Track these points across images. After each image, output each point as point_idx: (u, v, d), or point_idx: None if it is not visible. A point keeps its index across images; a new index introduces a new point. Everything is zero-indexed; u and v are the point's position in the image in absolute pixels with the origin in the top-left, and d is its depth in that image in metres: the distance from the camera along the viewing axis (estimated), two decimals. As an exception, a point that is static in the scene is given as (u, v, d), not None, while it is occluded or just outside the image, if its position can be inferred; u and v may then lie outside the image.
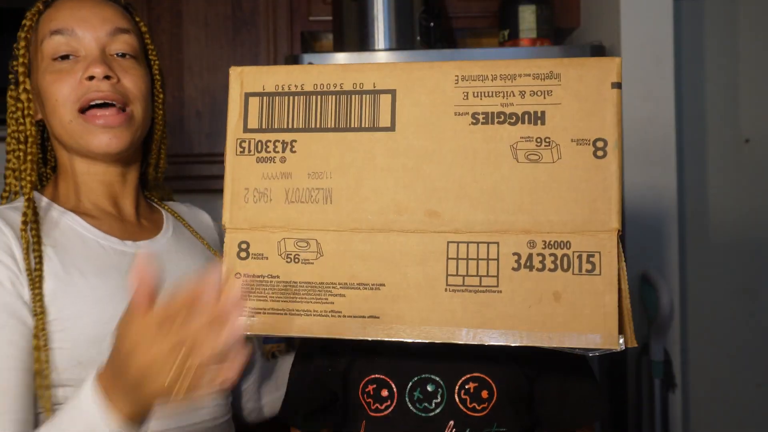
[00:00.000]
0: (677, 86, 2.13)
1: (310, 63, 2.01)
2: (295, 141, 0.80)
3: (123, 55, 1.09)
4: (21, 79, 1.09)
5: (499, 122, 0.76)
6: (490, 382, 0.91)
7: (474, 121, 0.77)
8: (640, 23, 2.10)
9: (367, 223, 0.77)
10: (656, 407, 2.04)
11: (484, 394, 0.91)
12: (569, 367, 0.93)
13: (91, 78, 1.04)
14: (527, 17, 2.22)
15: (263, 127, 0.81)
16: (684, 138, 2.36)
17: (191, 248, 1.18)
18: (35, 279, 0.96)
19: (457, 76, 0.77)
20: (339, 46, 2.27)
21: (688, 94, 2.39)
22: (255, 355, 1.27)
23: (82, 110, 1.05)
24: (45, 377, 0.95)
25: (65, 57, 1.06)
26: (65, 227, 1.06)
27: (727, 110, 2.44)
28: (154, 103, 1.16)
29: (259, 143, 0.81)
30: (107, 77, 1.05)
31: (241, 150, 0.82)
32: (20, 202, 1.07)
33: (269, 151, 0.81)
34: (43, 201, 1.08)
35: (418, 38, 2.21)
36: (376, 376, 0.93)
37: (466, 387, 0.91)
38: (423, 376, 0.92)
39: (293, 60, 2.06)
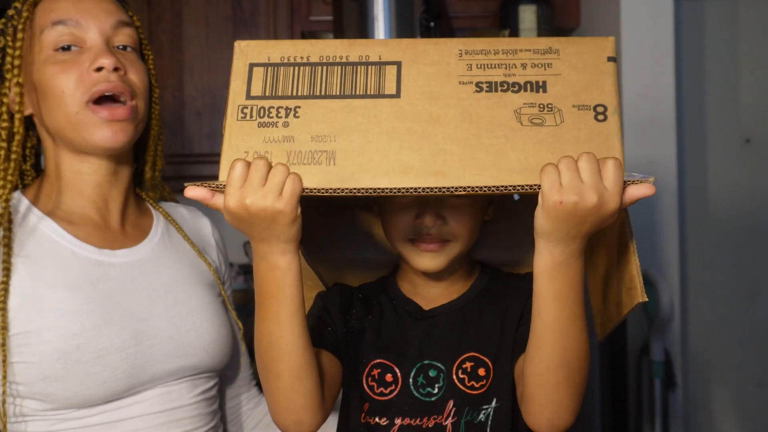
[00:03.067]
0: (677, 86, 2.13)
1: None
2: (299, 107, 0.80)
3: (125, 48, 1.06)
4: (15, 72, 1.04)
5: (502, 90, 0.78)
6: (485, 359, 0.95)
7: (478, 89, 0.78)
8: (640, 23, 2.10)
9: (371, 183, 0.77)
10: (656, 407, 2.04)
11: (481, 371, 0.94)
12: None
13: (99, 69, 1.01)
14: (527, 17, 2.22)
15: (267, 94, 0.81)
16: (684, 138, 2.36)
17: (177, 256, 1.13)
18: (1, 291, 0.95)
19: (461, 50, 0.79)
20: (339, 46, 2.27)
21: (688, 94, 2.39)
22: (239, 355, 1.24)
23: (89, 102, 1.01)
24: (3, 393, 0.94)
25: (67, 48, 1.02)
26: (40, 235, 1.02)
27: (727, 110, 2.44)
28: (151, 98, 1.12)
29: (262, 109, 0.80)
30: (116, 68, 1.02)
31: (243, 116, 0.80)
32: None
33: (272, 117, 0.80)
34: (23, 204, 1.04)
35: (419, 38, 2.22)
36: (381, 361, 0.96)
37: (464, 367, 0.95)
38: (425, 362, 0.95)
39: (293, 60, 2.06)
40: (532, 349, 0.82)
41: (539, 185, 0.73)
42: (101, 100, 1.01)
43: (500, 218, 1.04)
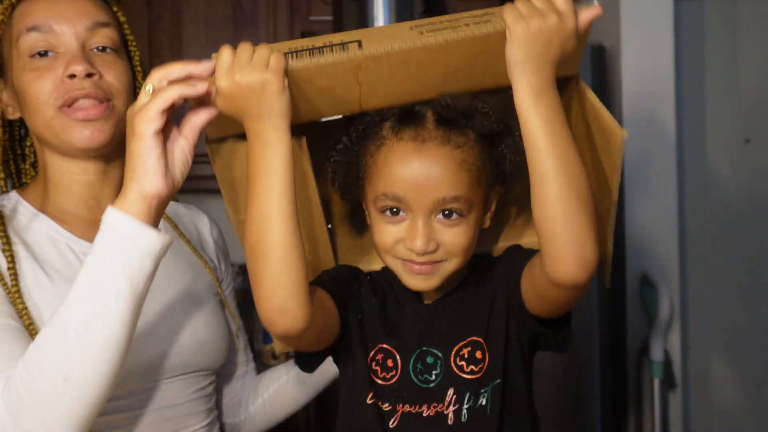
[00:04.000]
0: (677, 86, 2.13)
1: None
2: None
3: (103, 49, 1.05)
4: None
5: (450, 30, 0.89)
6: (480, 341, 0.95)
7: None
8: (640, 23, 2.10)
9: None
10: (656, 407, 2.04)
11: (478, 354, 0.95)
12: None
13: (73, 76, 1.01)
14: (527, 17, 2.22)
15: None
16: (684, 138, 2.36)
17: (173, 255, 1.10)
18: (12, 276, 0.95)
19: (412, 25, 0.88)
20: (339, 46, 2.27)
21: (688, 94, 2.39)
22: (235, 354, 1.23)
23: (63, 107, 1.02)
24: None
25: (44, 54, 1.02)
26: (36, 229, 1.03)
27: (727, 110, 2.44)
28: (136, 95, 1.13)
29: None
30: (89, 74, 1.01)
31: None
32: None
33: None
34: (12, 200, 1.06)
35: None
36: (384, 346, 0.97)
37: (461, 353, 0.95)
38: (423, 349, 0.96)
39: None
40: (537, 186, 0.83)
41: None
42: (75, 102, 1.02)
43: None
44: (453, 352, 0.96)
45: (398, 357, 0.97)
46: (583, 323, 2.06)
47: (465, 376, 0.95)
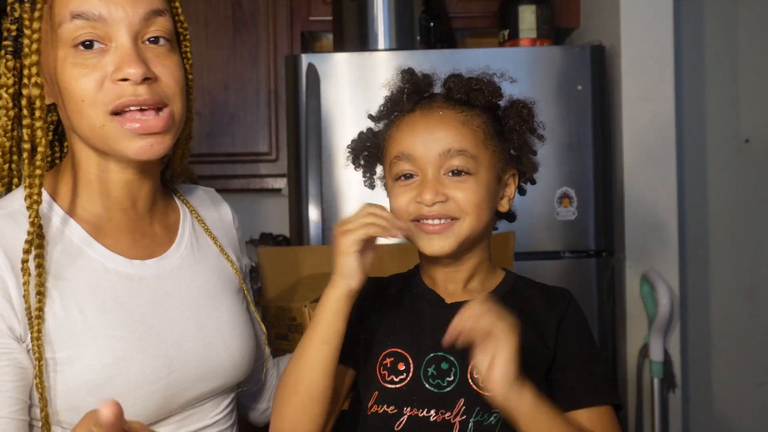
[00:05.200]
0: (677, 86, 2.13)
1: (310, 63, 2.01)
2: None
3: (156, 40, 0.91)
4: (34, 71, 0.89)
5: None
6: None
7: None
8: (640, 23, 2.10)
9: None
10: (656, 407, 2.04)
11: None
12: (583, 356, 0.99)
13: (125, 79, 0.87)
14: (527, 17, 2.22)
15: None
16: (684, 138, 2.36)
17: (205, 256, 1.06)
18: (36, 320, 0.85)
19: None
20: (339, 46, 2.28)
21: (688, 94, 2.39)
22: (262, 359, 1.16)
23: (115, 112, 0.89)
24: (46, 423, 0.87)
25: (89, 45, 0.88)
26: (67, 243, 0.92)
27: (727, 110, 2.44)
28: (187, 88, 0.99)
29: None
30: (145, 78, 0.88)
31: None
32: (13, 204, 0.92)
33: None
34: (43, 204, 0.91)
35: (418, 38, 2.22)
36: (395, 349, 0.97)
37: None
38: (438, 354, 0.96)
39: (293, 60, 2.06)
40: None
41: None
42: (129, 110, 0.89)
43: None
44: (470, 368, 0.94)
45: (411, 360, 0.96)
46: (583, 323, 2.06)
47: (478, 390, 0.93)
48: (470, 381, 0.94)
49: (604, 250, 2.08)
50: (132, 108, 0.88)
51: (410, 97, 1.01)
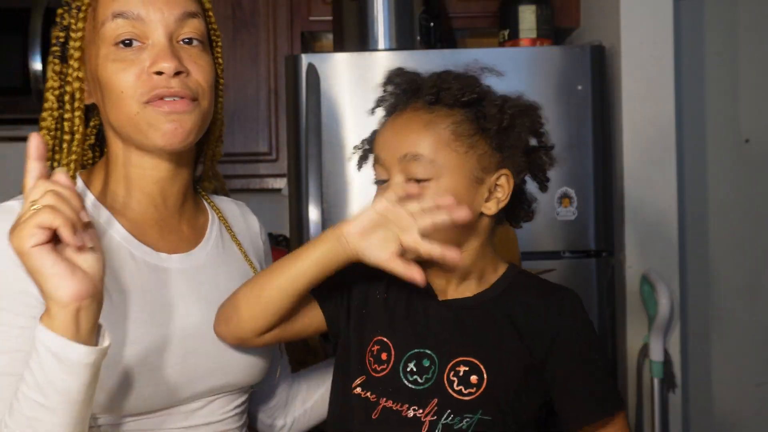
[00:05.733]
0: (677, 86, 2.13)
1: (310, 63, 2.01)
2: None
3: (190, 41, 0.99)
4: (76, 65, 0.98)
5: None
6: (482, 368, 0.93)
7: None
8: (640, 23, 2.10)
9: None
10: (656, 407, 2.04)
11: (473, 379, 0.92)
12: (580, 360, 0.96)
13: (159, 73, 0.95)
14: (527, 17, 2.22)
15: None
16: (684, 138, 2.36)
17: (229, 262, 1.09)
18: None
19: None
20: (339, 46, 2.28)
21: (688, 94, 2.39)
22: (276, 375, 1.18)
23: (149, 102, 0.96)
24: None
25: (128, 43, 0.96)
26: (100, 229, 0.96)
27: (727, 110, 2.44)
28: (216, 89, 1.06)
29: None
30: (177, 72, 0.95)
31: None
32: None
33: None
34: (88, 198, 0.99)
35: (418, 38, 2.22)
36: (382, 338, 0.97)
37: (456, 369, 0.93)
38: (420, 350, 0.95)
39: (293, 60, 2.06)
40: None
41: None
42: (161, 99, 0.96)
43: None
44: (449, 365, 0.94)
45: (393, 352, 0.96)
46: (583, 323, 2.06)
47: (452, 393, 0.92)
48: (446, 382, 0.93)
49: (604, 250, 2.08)
50: (165, 98, 0.96)
51: (399, 99, 1.01)
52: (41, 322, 0.78)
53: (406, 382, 0.94)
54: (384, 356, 0.96)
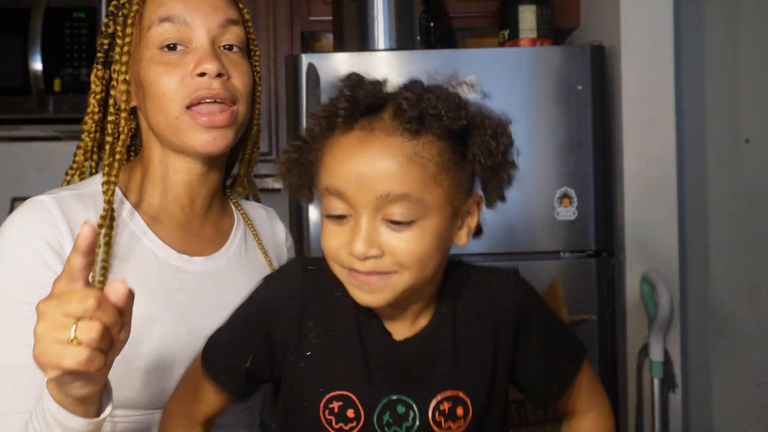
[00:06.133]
0: (677, 86, 2.13)
1: (310, 63, 2.01)
2: None
3: (230, 48, 1.03)
4: (123, 69, 1.01)
5: None
6: (464, 398, 0.84)
7: None
8: (640, 23, 2.10)
9: None
10: (656, 407, 2.04)
11: (459, 411, 0.84)
12: (544, 338, 0.90)
13: (202, 74, 0.98)
14: (527, 17, 2.22)
15: None
16: (684, 138, 2.36)
17: (252, 266, 1.10)
18: (99, 290, 0.92)
19: None
20: (339, 46, 2.27)
21: (688, 94, 2.39)
22: None
23: (189, 107, 0.99)
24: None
25: (173, 47, 1.00)
26: (128, 231, 1.00)
27: (727, 110, 2.44)
28: (254, 97, 1.09)
29: None
30: (219, 74, 0.98)
31: None
32: (89, 187, 1.01)
33: None
34: (117, 196, 1.01)
35: (418, 38, 2.22)
36: (342, 393, 0.83)
37: (441, 408, 0.84)
38: (393, 398, 0.83)
39: (293, 60, 2.06)
40: None
41: None
42: (202, 103, 0.99)
43: None
44: (432, 406, 0.83)
45: (360, 406, 0.83)
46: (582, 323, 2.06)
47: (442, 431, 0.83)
48: (432, 425, 0.83)
49: (604, 250, 2.08)
50: (206, 101, 0.99)
51: (350, 114, 0.79)
52: (48, 388, 0.78)
53: None
54: (351, 413, 0.83)
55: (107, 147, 1.02)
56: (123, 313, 0.72)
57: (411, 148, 0.77)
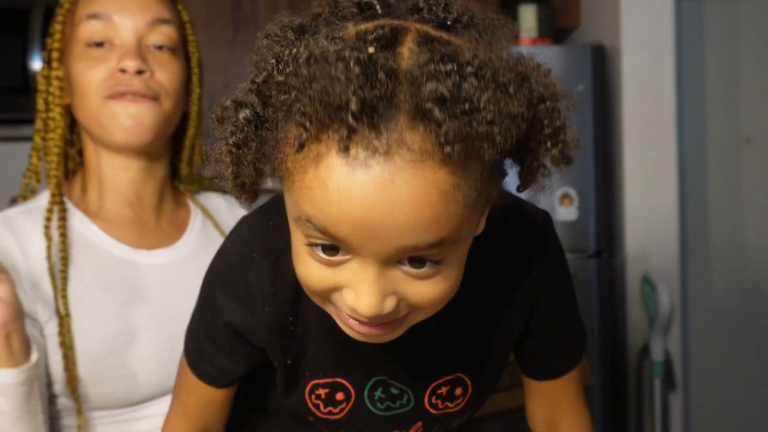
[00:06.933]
0: (677, 86, 2.13)
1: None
2: None
3: (160, 47, 1.03)
4: (55, 65, 1.03)
5: None
6: (464, 377, 0.76)
7: None
8: (640, 23, 2.10)
9: None
10: (656, 407, 2.04)
11: (458, 391, 0.76)
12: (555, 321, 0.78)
13: (124, 71, 0.99)
14: (528, 17, 2.22)
15: None
16: (684, 138, 2.36)
17: (214, 252, 1.11)
18: (61, 280, 0.94)
19: None
20: (339, 46, 2.27)
21: (688, 94, 2.39)
22: None
23: (110, 98, 1.00)
24: (74, 378, 0.92)
25: (100, 44, 1.01)
26: (77, 235, 1.01)
27: (727, 110, 2.44)
28: (189, 98, 1.10)
29: None
30: (140, 71, 0.99)
31: None
32: (37, 202, 1.03)
33: None
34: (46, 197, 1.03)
35: (418, 38, 2.21)
36: (328, 380, 0.74)
37: (438, 392, 0.76)
38: (381, 378, 0.74)
39: (293, 60, 2.06)
40: None
41: None
42: (122, 98, 1.00)
43: None
44: (428, 392, 0.75)
45: (350, 386, 0.74)
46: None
47: (439, 412, 0.77)
48: (429, 407, 0.76)
49: (605, 251, 2.08)
50: (127, 95, 0.99)
51: (359, 112, 0.49)
52: None
53: (377, 411, 0.75)
54: (340, 396, 0.74)
55: (50, 143, 1.04)
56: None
57: (449, 180, 0.51)
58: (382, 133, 0.49)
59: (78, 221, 1.02)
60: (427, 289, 0.56)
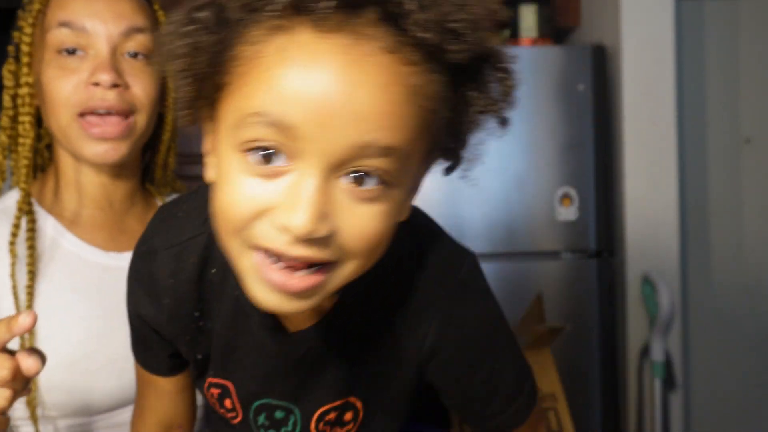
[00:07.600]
0: (677, 86, 2.13)
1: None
2: None
3: (135, 55, 0.98)
4: (25, 70, 0.99)
5: None
6: (355, 402, 0.71)
7: None
8: (640, 23, 2.10)
9: None
10: (657, 407, 2.04)
11: (348, 416, 0.71)
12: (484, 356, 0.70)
13: (97, 84, 0.94)
14: (528, 17, 2.22)
15: None
16: (684, 138, 2.36)
17: None
18: (27, 296, 0.92)
19: None
20: (339, 46, 2.27)
21: (688, 94, 2.39)
22: None
23: (82, 114, 0.96)
24: (33, 397, 0.91)
25: (72, 52, 0.95)
26: (46, 236, 0.98)
27: (727, 110, 2.44)
28: (164, 102, 1.05)
29: None
30: (115, 85, 0.94)
31: None
32: (3, 203, 1.01)
33: None
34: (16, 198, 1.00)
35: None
36: (221, 381, 0.71)
37: (326, 419, 0.71)
38: (272, 402, 0.70)
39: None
40: None
41: None
42: (95, 113, 0.96)
43: None
44: (315, 417, 0.70)
45: (236, 401, 0.71)
46: (583, 323, 2.05)
47: None
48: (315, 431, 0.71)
49: (605, 251, 2.08)
50: (99, 112, 0.94)
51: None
52: None
53: None
54: (228, 404, 0.72)
55: (20, 149, 1.00)
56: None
57: (413, 78, 0.50)
58: (355, 21, 0.48)
59: (50, 226, 0.99)
60: (362, 222, 0.51)
